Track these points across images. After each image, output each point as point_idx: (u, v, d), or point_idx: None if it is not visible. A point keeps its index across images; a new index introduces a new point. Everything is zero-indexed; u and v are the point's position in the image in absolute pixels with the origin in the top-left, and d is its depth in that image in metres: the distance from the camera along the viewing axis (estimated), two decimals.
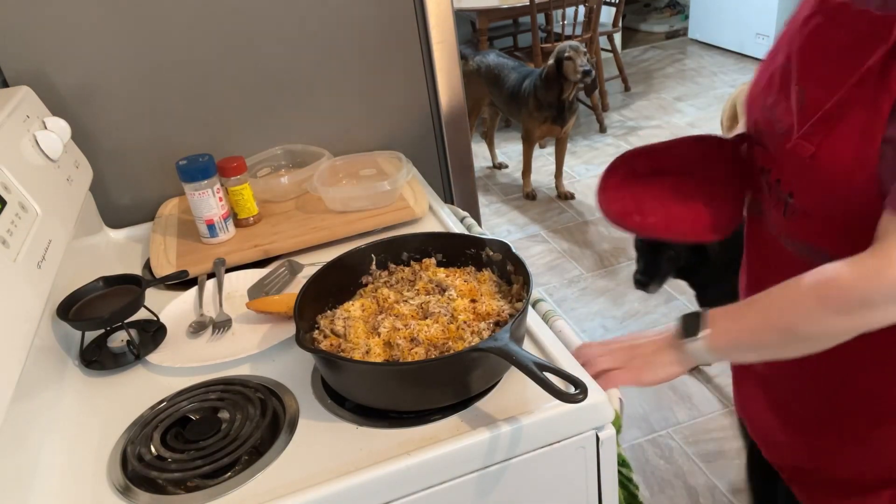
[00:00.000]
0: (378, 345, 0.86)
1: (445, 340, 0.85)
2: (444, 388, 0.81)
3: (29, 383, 0.85)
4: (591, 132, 4.40)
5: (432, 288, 0.95)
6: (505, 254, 0.96)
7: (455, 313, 0.89)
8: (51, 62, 1.28)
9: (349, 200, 1.28)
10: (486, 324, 0.87)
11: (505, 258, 0.96)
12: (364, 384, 0.83)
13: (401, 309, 0.91)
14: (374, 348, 0.85)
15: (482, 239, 1.00)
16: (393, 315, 0.90)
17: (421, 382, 0.81)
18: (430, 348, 0.84)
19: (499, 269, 0.98)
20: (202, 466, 0.78)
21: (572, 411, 0.79)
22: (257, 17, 1.35)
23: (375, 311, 0.93)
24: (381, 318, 0.90)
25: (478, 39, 4.29)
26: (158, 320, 1.05)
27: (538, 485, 0.83)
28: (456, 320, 0.88)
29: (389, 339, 0.86)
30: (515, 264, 0.94)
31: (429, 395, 0.81)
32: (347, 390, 0.85)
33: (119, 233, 1.39)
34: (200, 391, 0.90)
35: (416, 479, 0.76)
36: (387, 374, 0.82)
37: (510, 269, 0.96)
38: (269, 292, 1.10)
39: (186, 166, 1.20)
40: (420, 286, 0.95)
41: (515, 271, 0.95)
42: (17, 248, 0.88)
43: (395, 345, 0.85)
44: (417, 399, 0.82)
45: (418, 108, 1.53)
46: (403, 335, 0.86)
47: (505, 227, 3.42)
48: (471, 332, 0.86)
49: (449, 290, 0.93)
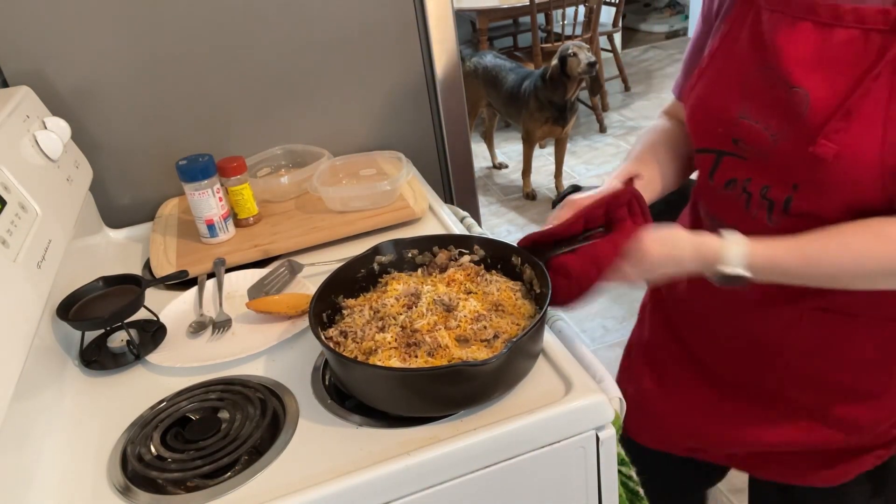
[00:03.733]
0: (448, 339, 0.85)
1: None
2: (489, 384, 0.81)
3: (29, 383, 0.85)
4: (591, 132, 4.40)
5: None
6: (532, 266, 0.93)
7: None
8: (51, 62, 1.28)
9: (349, 200, 1.28)
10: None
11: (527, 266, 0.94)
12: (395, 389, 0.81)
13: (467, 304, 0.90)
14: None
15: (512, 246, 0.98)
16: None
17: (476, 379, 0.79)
18: (492, 314, 0.85)
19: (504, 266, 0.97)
20: (202, 466, 0.78)
21: (572, 411, 0.79)
22: (257, 17, 1.35)
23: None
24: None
25: (478, 39, 4.29)
26: (158, 320, 1.05)
27: (538, 485, 0.83)
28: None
29: (461, 334, 0.85)
30: (540, 277, 0.91)
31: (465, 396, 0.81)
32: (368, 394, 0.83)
33: (119, 233, 1.39)
34: (200, 391, 0.90)
35: (416, 479, 0.76)
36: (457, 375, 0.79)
37: (516, 262, 0.95)
38: (269, 292, 1.10)
39: (186, 166, 1.20)
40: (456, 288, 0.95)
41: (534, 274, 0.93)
42: (17, 248, 0.88)
43: (470, 334, 0.84)
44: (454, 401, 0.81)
45: (418, 108, 1.53)
46: (466, 322, 0.86)
47: (504, 228, 3.42)
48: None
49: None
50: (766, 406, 1.02)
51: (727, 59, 0.90)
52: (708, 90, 0.93)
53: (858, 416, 0.97)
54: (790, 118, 0.82)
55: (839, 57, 0.78)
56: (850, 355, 0.94)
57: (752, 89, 0.86)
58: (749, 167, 0.88)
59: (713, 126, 0.91)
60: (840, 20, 0.78)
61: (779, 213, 0.87)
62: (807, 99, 0.79)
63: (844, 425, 0.98)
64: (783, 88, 0.82)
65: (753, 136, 0.86)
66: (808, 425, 0.99)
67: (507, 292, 0.92)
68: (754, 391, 1.03)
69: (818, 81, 0.79)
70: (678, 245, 0.85)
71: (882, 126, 0.75)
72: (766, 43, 0.84)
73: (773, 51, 0.83)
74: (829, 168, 0.78)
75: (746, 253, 0.82)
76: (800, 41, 0.81)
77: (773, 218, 0.87)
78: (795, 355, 0.96)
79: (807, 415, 0.99)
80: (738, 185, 0.90)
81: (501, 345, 0.83)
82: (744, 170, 0.89)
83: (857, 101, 0.76)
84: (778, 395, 1.00)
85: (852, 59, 0.77)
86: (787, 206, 0.85)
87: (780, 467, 1.06)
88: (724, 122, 0.89)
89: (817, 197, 0.82)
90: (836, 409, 0.97)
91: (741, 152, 0.89)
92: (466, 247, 0.99)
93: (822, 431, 0.99)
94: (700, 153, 0.96)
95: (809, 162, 0.79)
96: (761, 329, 0.97)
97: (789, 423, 1.01)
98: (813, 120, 0.79)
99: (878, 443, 1.00)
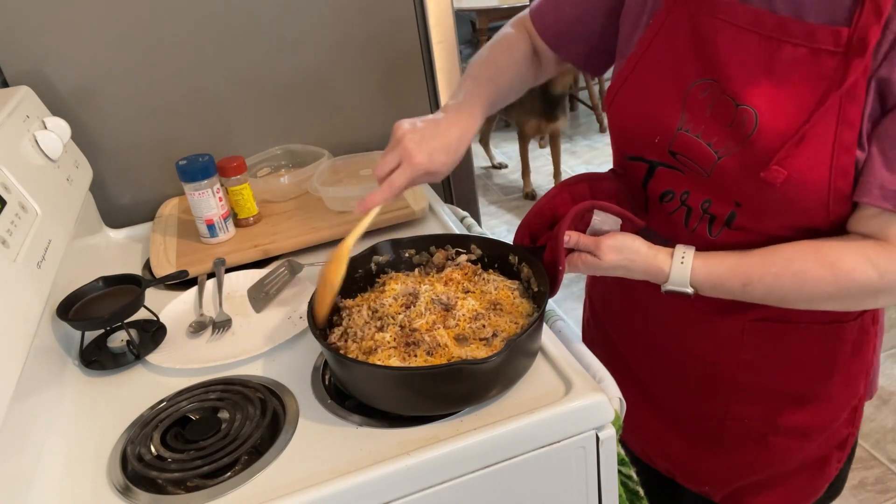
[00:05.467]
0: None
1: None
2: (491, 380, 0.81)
3: (29, 383, 0.85)
4: (592, 132, 4.40)
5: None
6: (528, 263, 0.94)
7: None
8: (51, 62, 1.28)
9: (349, 200, 1.28)
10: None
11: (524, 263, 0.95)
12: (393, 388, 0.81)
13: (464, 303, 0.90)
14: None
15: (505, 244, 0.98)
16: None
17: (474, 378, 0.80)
18: (491, 312, 0.86)
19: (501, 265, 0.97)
20: (202, 466, 0.78)
21: (572, 411, 0.79)
22: (257, 17, 1.35)
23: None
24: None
25: (478, 39, 4.29)
26: (158, 320, 1.05)
27: (538, 485, 0.83)
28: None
29: (459, 333, 0.85)
30: (539, 276, 0.91)
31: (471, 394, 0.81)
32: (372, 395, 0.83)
33: (119, 233, 1.38)
34: (200, 391, 0.90)
35: (416, 479, 0.76)
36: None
37: (514, 261, 0.95)
38: (269, 292, 1.10)
39: (186, 166, 1.20)
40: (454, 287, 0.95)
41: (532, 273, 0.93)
42: (17, 248, 0.88)
43: (469, 332, 0.85)
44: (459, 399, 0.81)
45: (418, 108, 1.53)
46: (464, 321, 0.86)
47: (504, 228, 3.42)
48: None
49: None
50: (715, 433, 1.00)
51: (661, 65, 0.84)
52: (640, 96, 0.87)
53: (807, 422, 0.96)
54: (736, 137, 0.78)
55: (788, 76, 0.75)
56: (794, 361, 0.93)
57: (694, 101, 0.81)
58: (687, 181, 0.85)
59: (648, 136, 0.87)
60: (788, 36, 0.74)
61: (720, 226, 0.85)
62: (756, 120, 0.76)
63: (797, 434, 0.97)
64: (728, 105, 0.78)
65: (695, 151, 0.82)
66: (759, 440, 0.98)
67: (505, 291, 0.92)
68: (699, 420, 1.01)
69: (767, 102, 0.75)
70: (633, 257, 0.85)
71: (831, 150, 0.73)
72: (709, 53, 0.79)
73: (717, 64, 0.78)
74: (776, 191, 0.76)
75: (691, 274, 0.83)
76: (745, 55, 0.77)
77: (714, 231, 0.86)
78: (740, 368, 0.95)
79: (756, 432, 0.98)
80: (676, 198, 0.88)
81: (500, 343, 0.83)
82: (681, 183, 0.86)
83: (810, 128, 0.73)
84: (725, 415, 0.98)
85: (803, 81, 0.74)
86: (730, 222, 0.84)
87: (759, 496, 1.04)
88: (662, 132, 0.85)
89: (761, 215, 0.81)
90: (785, 418, 0.96)
91: (679, 165, 0.85)
92: (464, 246, 0.99)
93: (777, 442, 0.97)
94: (631, 160, 0.92)
95: (756, 183, 0.77)
96: (704, 345, 0.96)
97: (741, 444, 0.99)
98: (762, 143, 0.76)
99: (832, 444, 0.99)
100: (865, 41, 0.69)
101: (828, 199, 0.75)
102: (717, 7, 0.78)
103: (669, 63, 0.83)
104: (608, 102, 0.93)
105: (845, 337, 0.91)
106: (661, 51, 0.84)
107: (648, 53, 0.86)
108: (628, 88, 0.88)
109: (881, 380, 2.27)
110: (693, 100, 0.82)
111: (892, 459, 2.01)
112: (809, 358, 0.93)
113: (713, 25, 0.79)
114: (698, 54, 0.80)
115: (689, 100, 0.82)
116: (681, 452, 1.05)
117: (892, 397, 2.21)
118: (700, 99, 0.81)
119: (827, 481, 1.02)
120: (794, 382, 0.94)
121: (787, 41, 0.74)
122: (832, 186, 0.74)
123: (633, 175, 0.92)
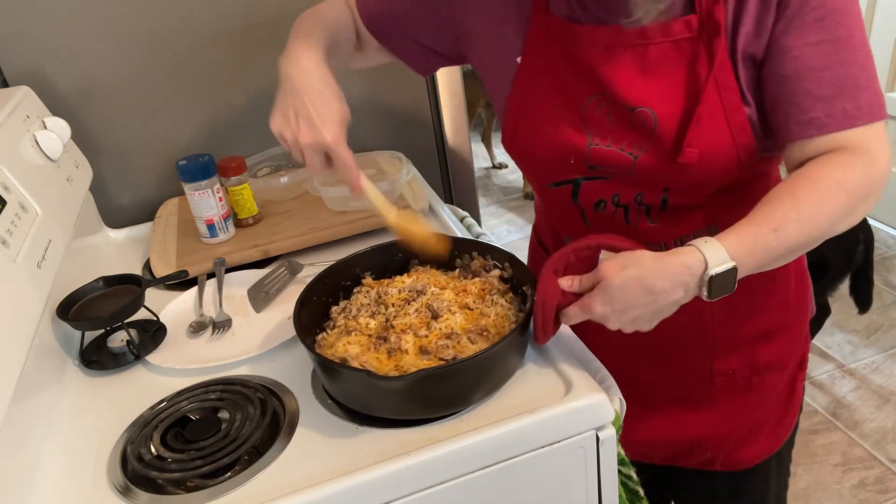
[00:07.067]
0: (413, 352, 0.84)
1: (477, 326, 0.86)
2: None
3: (29, 383, 0.85)
4: None
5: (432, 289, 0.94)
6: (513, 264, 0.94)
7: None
8: (51, 62, 1.28)
9: (349, 200, 1.28)
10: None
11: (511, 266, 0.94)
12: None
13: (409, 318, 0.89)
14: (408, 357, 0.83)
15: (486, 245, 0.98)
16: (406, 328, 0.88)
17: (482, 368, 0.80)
18: (471, 335, 0.84)
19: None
20: (202, 466, 0.78)
21: (572, 411, 0.79)
22: (257, 17, 1.35)
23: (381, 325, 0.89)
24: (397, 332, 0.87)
25: None
26: (158, 320, 1.05)
27: (538, 485, 0.83)
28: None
29: (425, 345, 0.84)
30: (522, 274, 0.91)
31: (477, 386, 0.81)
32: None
33: (119, 233, 1.39)
34: (200, 391, 0.90)
35: (416, 479, 0.76)
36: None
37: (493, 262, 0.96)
38: (269, 292, 1.10)
39: (186, 166, 1.20)
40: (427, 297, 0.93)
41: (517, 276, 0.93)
42: (17, 248, 0.88)
43: (433, 348, 0.83)
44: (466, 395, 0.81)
45: (418, 109, 1.53)
46: (436, 335, 0.85)
47: (504, 228, 3.42)
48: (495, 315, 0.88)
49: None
50: (706, 395, 1.03)
51: (549, 95, 0.89)
52: (539, 128, 0.91)
53: (781, 353, 1.03)
54: (643, 136, 0.85)
55: (664, 71, 0.83)
56: (759, 304, 0.99)
57: (593, 117, 0.87)
58: (614, 185, 0.90)
59: (562, 160, 0.90)
60: (650, 38, 0.82)
61: (657, 212, 0.90)
62: (654, 116, 0.83)
63: (774, 367, 1.02)
64: (625, 112, 0.85)
65: (611, 159, 0.87)
66: (746, 386, 1.03)
67: (502, 321, 0.88)
68: (690, 390, 1.04)
69: (657, 97, 0.83)
70: (644, 263, 0.76)
71: (724, 116, 0.82)
72: (590, 75, 0.85)
73: (601, 81, 0.85)
74: (696, 168, 0.83)
75: (724, 245, 0.75)
76: (621, 66, 0.84)
77: (654, 218, 0.91)
78: (716, 329, 0.99)
79: (742, 379, 1.02)
80: (609, 203, 0.92)
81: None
82: (609, 189, 0.90)
83: (701, 109, 0.81)
84: (711, 374, 1.02)
85: (677, 69, 0.82)
86: (665, 205, 0.89)
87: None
88: (574, 153, 0.89)
89: (689, 191, 0.87)
90: (762, 357, 1.01)
91: (601, 174, 0.90)
92: (500, 261, 0.96)
93: (761, 381, 1.02)
94: (554, 187, 0.94)
95: (676, 167, 0.83)
96: (682, 320, 0.87)
97: (730, 397, 1.03)
98: (667, 134, 0.83)
99: (795, 366, 1.06)
100: (714, 20, 0.79)
101: (738, 156, 0.83)
102: (580, 36, 0.86)
103: (556, 91, 0.89)
104: (507, 144, 0.97)
105: (789, 267, 0.99)
106: (545, 83, 0.90)
107: (532, 90, 0.91)
108: (524, 126, 0.93)
109: (881, 379, 2.27)
110: (592, 116, 0.88)
111: (892, 459, 2.01)
112: (771, 297, 1.00)
113: (583, 52, 0.86)
114: (581, 77, 0.87)
115: (588, 117, 0.88)
116: (678, 430, 1.07)
117: (892, 397, 2.21)
118: (598, 114, 0.87)
119: (797, 407, 1.09)
120: (765, 322, 1.01)
121: (650, 43, 0.83)
122: (737, 144, 0.83)
123: (561, 198, 0.95)
